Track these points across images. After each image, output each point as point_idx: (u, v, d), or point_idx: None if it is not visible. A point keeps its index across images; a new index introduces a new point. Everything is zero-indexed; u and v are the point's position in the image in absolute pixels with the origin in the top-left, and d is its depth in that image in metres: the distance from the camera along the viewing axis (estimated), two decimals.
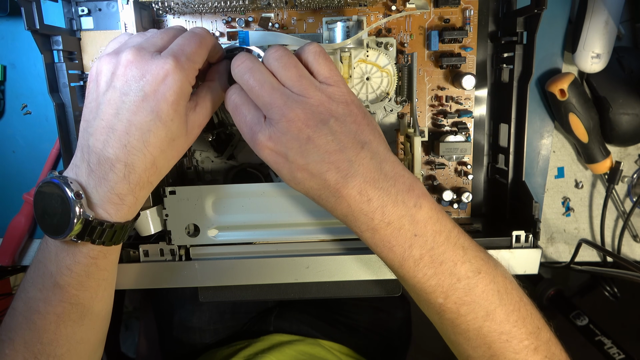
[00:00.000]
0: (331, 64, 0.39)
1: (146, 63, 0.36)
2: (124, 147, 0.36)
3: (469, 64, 0.55)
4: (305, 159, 0.35)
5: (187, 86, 0.38)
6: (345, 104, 0.37)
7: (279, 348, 0.65)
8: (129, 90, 0.36)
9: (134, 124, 0.36)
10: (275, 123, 0.36)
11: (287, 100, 0.36)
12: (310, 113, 0.36)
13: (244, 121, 0.38)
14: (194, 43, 0.38)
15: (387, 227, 0.36)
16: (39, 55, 0.49)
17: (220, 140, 0.55)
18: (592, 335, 0.93)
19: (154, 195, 0.50)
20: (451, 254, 0.37)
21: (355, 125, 0.37)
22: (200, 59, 0.39)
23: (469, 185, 0.58)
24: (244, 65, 0.39)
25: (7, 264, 0.62)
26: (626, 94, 0.56)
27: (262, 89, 0.37)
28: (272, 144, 0.36)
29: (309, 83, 0.37)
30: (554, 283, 1.06)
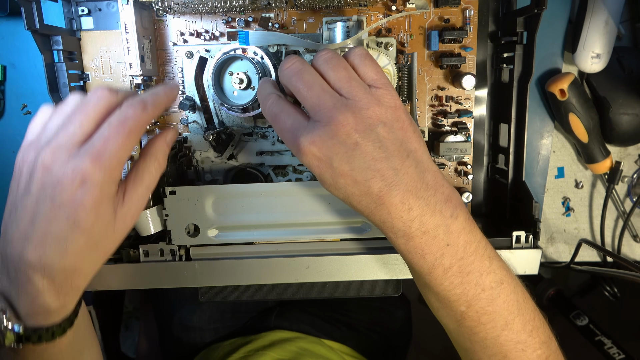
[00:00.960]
0: (378, 66, 0.38)
1: (62, 166, 0.32)
2: (39, 258, 0.33)
3: (469, 64, 0.55)
4: (351, 165, 0.34)
5: (110, 186, 0.34)
6: (394, 108, 0.37)
7: (279, 345, 0.65)
8: (44, 197, 0.33)
9: (50, 233, 0.33)
10: (322, 126, 0.35)
11: (337, 102, 0.35)
12: (359, 117, 0.35)
13: (285, 127, 0.37)
14: (120, 135, 0.33)
15: (422, 236, 0.36)
16: (39, 55, 0.49)
17: (220, 140, 0.55)
18: (592, 335, 0.93)
19: (154, 195, 0.50)
20: (478, 264, 0.37)
21: (402, 132, 0.36)
22: (128, 152, 0.34)
23: (469, 185, 0.58)
24: (293, 66, 0.37)
25: None
26: (626, 94, 0.56)
27: (310, 90, 0.36)
28: (316, 148, 0.35)
29: (358, 85, 0.36)
30: (554, 283, 1.06)
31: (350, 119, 0.34)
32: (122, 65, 0.55)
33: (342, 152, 0.34)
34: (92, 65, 0.55)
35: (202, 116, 0.55)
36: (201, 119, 0.55)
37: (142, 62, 0.50)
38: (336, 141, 0.34)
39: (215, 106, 0.55)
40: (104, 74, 0.56)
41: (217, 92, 0.49)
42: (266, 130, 0.55)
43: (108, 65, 0.55)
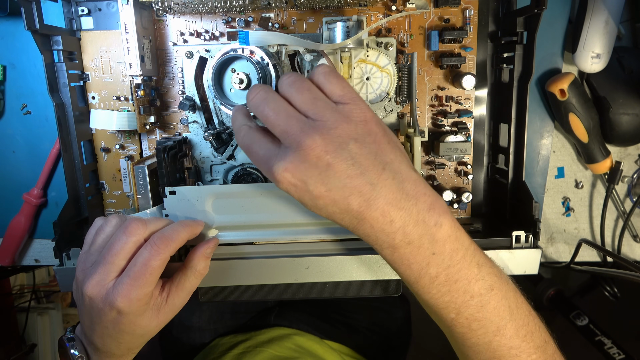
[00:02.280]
0: (343, 81, 0.38)
1: (101, 301, 0.40)
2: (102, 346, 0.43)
3: (469, 64, 0.55)
4: (327, 186, 0.35)
5: (142, 306, 0.40)
6: (364, 122, 0.36)
7: (278, 341, 0.66)
8: (94, 315, 0.41)
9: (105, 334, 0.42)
10: (292, 152, 0.35)
11: (304, 126, 0.35)
12: (328, 138, 0.35)
13: (259, 158, 0.38)
14: (145, 275, 0.39)
15: (407, 246, 0.36)
16: (39, 55, 0.49)
17: (220, 140, 0.55)
18: (592, 335, 0.93)
19: (154, 195, 0.50)
20: (466, 272, 0.37)
21: (375, 145, 0.36)
22: (154, 283, 0.40)
23: (469, 185, 0.58)
24: (258, 96, 0.38)
25: (7, 264, 0.62)
26: (626, 94, 0.56)
27: (277, 117, 0.36)
28: (289, 174, 0.35)
29: (324, 105, 0.36)
30: (554, 283, 1.06)
31: (319, 141, 0.34)
32: (122, 65, 0.55)
33: (315, 174, 0.35)
34: (92, 65, 0.55)
35: (202, 116, 0.55)
36: (201, 119, 0.55)
37: (142, 62, 0.50)
38: (308, 165, 0.35)
39: (215, 106, 0.55)
40: (104, 74, 0.55)
41: (217, 92, 0.49)
42: None
43: (108, 65, 0.55)
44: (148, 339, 0.45)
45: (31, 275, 1.44)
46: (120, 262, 0.40)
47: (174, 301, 0.43)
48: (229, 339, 0.70)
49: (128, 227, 0.40)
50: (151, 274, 0.39)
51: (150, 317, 0.42)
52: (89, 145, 0.57)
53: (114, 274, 0.40)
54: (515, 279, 0.42)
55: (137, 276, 0.39)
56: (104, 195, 0.58)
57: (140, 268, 0.39)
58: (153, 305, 0.42)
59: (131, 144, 0.57)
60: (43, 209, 0.63)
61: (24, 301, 1.41)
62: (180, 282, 0.43)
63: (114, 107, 0.56)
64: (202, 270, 0.44)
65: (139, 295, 0.39)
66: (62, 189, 0.60)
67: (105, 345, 0.43)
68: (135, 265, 0.39)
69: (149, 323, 0.42)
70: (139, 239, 0.41)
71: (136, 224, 0.41)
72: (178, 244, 0.42)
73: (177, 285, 0.43)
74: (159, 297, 0.42)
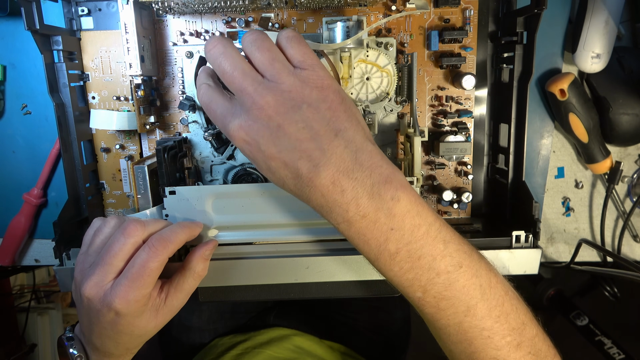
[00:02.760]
0: (306, 47, 0.38)
1: (99, 302, 0.40)
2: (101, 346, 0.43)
3: (469, 64, 0.55)
4: (277, 147, 0.35)
5: (140, 308, 0.40)
6: (320, 88, 0.36)
7: (277, 342, 0.66)
8: (92, 315, 0.41)
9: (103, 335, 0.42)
10: (245, 111, 0.36)
11: (258, 86, 0.35)
12: (281, 100, 0.35)
13: (216, 116, 0.38)
14: (142, 277, 0.39)
15: (362, 220, 0.35)
16: (39, 55, 0.49)
17: (220, 140, 0.55)
18: (592, 335, 0.93)
19: (154, 195, 0.50)
20: (430, 248, 0.35)
21: (330, 112, 0.35)
22: (152, 284, 0.40)
23: (469, 185, 0.58)
24: (215, 49, 0.37)
25: (7, 264, 0.62)
26: (626, 94, 0.56)
27: (233, 74, 0.36)
28: (243, 133, 0.36)
29: (281, 67, 0.36)
30: (554, 283, 1.06)
31: (272, 102, 0.35)
32: (122, 65, 0.55)
33: (267, 135, 0.35)
34: (92, 65, 0.55)
35: (202, 116, 0.55)
36: (201, 119, 0.55)
37: (142, 62, 0.50)
38: (260, 125, 0.35)
39: None
40: (104, 74, 0.56)
41: None
42: None
43: (108, 65, 0.55)
44: (146, 339, 0.45)
45: (31, 275, 1.44)
46: (119, 263, 0.40)
47: (172, 302, 0.43)
48: (228, 339, 0.70)
49: (126, 228, 0.40)
50: (149, 275, 0.39)
51: (148, 318, 0.42)
52: (89, 145, 0.57)
53: (112, 275, 0.40)
54: (515, 279, 0.42)
55: (135, 278, 0.39)
56: (104, 195, 0.58)
57: (138, 270, 0.39)
58: (151, 307, 0.42)
59: (131, 144, 0.57)
60: (43, 209, 0.63)
61: (24, 301, 1.41)
62: (179, 284, 0.43)
63: (114, 107, 0.56)
64: (200, 272, 0.44)
65: (136, 296, 0.39)
66: (62, 189, 0.60)
67: (103, 345, 0.43)
68: (133, 267, 0.39)
69: (147, 324, 0.42)
70: (137, 240, 0.41)
71: (135, 225, 0.41)
72: (176, 245, 0.41)
73: (176, 287, 0.43)
74: (157, 298, 0.42)
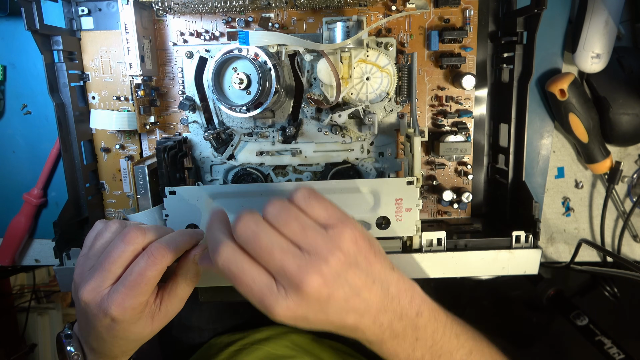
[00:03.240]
0: (325, 202, 0.38)
1: (96, 307, 0.40)
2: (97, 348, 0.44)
3: (469, 64, 0.55)
4: (326, 314, 0.36)
5: (136, 314, 0.40)
6: (354, 242, 0.37)
7: (274, 339, 0.66)
8: (89, 318, 0.41)
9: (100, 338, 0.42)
10: (293, 292, 0.35)
11: (300, 263, 0.35)
12: (326, 271, 0.35)
13: (252, 292, 0.36)
14: (140, 284, 0.39)
15: (394, 340, 0.39)
16: (39, 55, 0.49)
17: (220, 140, 0.55)
18: (592, 335, 0.93)
19: (154, 195, 0.50)
20: (448, 345, 0.41)
21: (366, 261, 0.37)
22: (149, 292, 0.40)
23: (469, 185, 0.58)
24: (248, 231, 0.36)
25: (7, 264, 0.62)
26: (626, 94, 0.56)
27: (271, 254, 0.35)
28: (290, 313, 0.35)
29: (314, 234, 0.36)
30: (554, 283, 1.05)
31: (318, 279, 0.35)
32: (122, 65, 0.55)
33: (317, 308, 0.36)
34: (92, 65, 0.55)
35: (202, 116, 0.55)
36: (201, 119, 0.55)
37: (142, 62, 0.50)
38: (309, 302, 0.35)
39: (215, 106, 0.55)
40: (104, 74, 0.56)
41: (217, 92, 0.49)
42: (266, 130, 0.55)
43: (108, 65, 0.55)
44: (142, 343, 0.45)
45: (31, 275, 1.44)
46: (117, 270, 0.40)
47: (167, 308, 0.43)
48: (227, 337, 0.70)
49: (127, 235, 0.40)
50: (146, 283, 0.39)
51: (144, 324, 0.42)
52: (89, 145, 0.57)
53: (110, 282, 0.40)
54: (515, 279, 0.42)
55: (132, 285, 0.39)
56: (104, 195, 0.58)
57: (136, 277, 0.39)
58: (147, 313, 0.42)
59: (131, 144, 0.57)
60: (43, 209, 0.63)
61: (24, 301, 1.41)
62: (173, 290, 0.43)
63: (114, 107, 0.56)
64: (193, 276, 0.43)
65: (133, 304, 0.39)
66: (62, 189, 0.60)
67: (99, 347, 0.43)
68: (131, 275, 0.39)
69: (142, 330, 0.42)
70: (137, 247, 0.40)
71: (135, 232, 0.40)
72: (176, 254, 0.41)
73: (170, 293, 0.43)
74: (153, 304, 0.42)
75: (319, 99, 0.52)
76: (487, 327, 0.45)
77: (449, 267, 0.49)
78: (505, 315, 1.38)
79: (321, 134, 0.55)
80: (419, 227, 0.49)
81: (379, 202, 0.48)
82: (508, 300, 1.38)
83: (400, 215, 0.48)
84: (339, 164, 0.56)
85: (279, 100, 0.52)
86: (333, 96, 0.51)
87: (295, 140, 0.55)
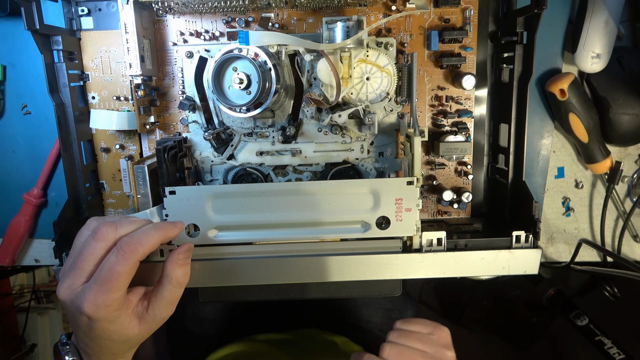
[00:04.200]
0: (419, 322, 0.50)
1: (71, 305, 0.40)
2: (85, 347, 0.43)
3: (469, 64, 0.55)
4: None
5: (115, 311, 0.40)
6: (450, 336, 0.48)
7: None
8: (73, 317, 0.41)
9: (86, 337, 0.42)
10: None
11: None
12: None
13: None
14: (110, 282, 0.38)
15: None
16: (39, 55, 0.49)
17: (220, 140, 0.55)
18: (592, 335, 0.93)
19: (154, 195, 0.50)
20: None
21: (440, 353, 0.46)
22: (123, 288, 0.39)
23: (469, 185, 0.58)
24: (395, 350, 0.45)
25: (7, 264, 0.62)
26: (626, 94, 0.56)
27: None
28: None
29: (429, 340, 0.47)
30: (554, 283, 1.06)
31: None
32: (122, 65, 0.55)
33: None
34: (92, 65, 0.55)
35: (202, 116, 0.55)
36: (201, 119, 0.55)
37: (142, 62, 0.50)
38: None
39: (215, 106, 0.55)
40: (104, 74, 0.55)
41: (217, 92, 0.49)
42: (266, 130, 0.55)
43: (108, 65, 0.55)
44: (133, 346, 0.44)
45: (31, 275, 1.44)
46: (89, 267, 0.40)
47: (154, 312, 0.42)
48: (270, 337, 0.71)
49: (97, 232, 0.40)
50: (117, 279, 0.39)
51: (127, 324, 0.41)
52: (89, 145, 0.57)
53: (83, 279, 0.40)
54: (515, 279, 0.42)
55: (103, 282, 0.38)
56: (104, 195, 0.58)
57: (106, 274, 0.38)
58: (132, 313, 0.41)
59: (131, 144, 0.57)
60: (43, 209, 0.63)
61: (24, 301, 1.41)
62: (159, 293, 0.42)
63: (114, 107, 0.56)
64: (179, 278, 0.42)
65: (106, 301, 0.39)
66: (62, 189, 0.60)
67: (89, 349, 0.43)
68: (101, 271, 0.39)
69: (126, 330, 0.41)
70: (109, 244, 0.40)
71: (106, 228, 0.40)
72: (148, 248, 0.40)
73: (156, 296, 0.42)
74: (139, 305, 0.42)
75: (319, 99, 0.52)
76: (487, 327, 0.45)
77: (449, 267, 0.49)
78: (505, 315, 1.38)
79: (321, 134, 0.55)
80: (419, 227, 0.49)
81: (379, 202, 0.48)
82: (508, 300, 1.38)
83: (400, 215, 0.48)
84: (339, 164, 0.56)
85: (279, 100, 0.52)
86: (333, 96, 0.51)
87: (295, 140, 0.55)
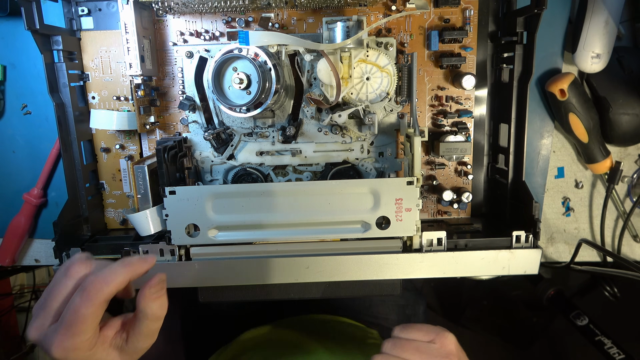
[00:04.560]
0: (421, 328, 0.45)
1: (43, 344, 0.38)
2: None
3: (469, 64, 0.55)
4: None
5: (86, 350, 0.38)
6: (456, 343, 0.45)
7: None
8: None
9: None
10: None
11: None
12: None
13: None
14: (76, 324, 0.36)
15: None
16: (39, 55, 0.49)
17: (220, 140, 0.55)
18: (592, 335, 0.93)
19: (154, 195, 0.50)
20: None
21: (463, 355, 0.44)
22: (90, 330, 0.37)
23: (469, 185, 0.58)
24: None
25: (7, 264, 0.62)
26: (626, 94, 0.56)
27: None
28: None
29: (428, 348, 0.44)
30: (554, 283, 1.05)
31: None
32: (122, 65, 0.55)
33: None
34: (92, 65, 0.55)
35: (202, 116, 0.55)
36: (201, 119, 0.55)
37: (142, 62, 0.50)
38: None
39: (215, 106, 0.55)
40: (104, 73, 0.56)
41: (217, 92, 0.49)
42: (266, 130, 0.55)
43: (108, 65, 0.55)
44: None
45: (31, 275, 1.44)
46: (57, 305, 0.38)
47: (134, 344, 0.40)
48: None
49: (70, 267, 0.39)
50: (83, 322, 0.36)
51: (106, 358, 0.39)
52: (89, 145, 0.57)
53: (51, 319, 0.38)
54: (515, 279, 0.42)
55: (69, 325, 0.37)
56: (104, 195, 0.58)
57: (71, 316, 0.37)
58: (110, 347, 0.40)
59: (131, 144, 0.57)
60: (43, 209, 0.63)
61: (24, 301, 1.41)
62: (137, 327, 0.40)
63: (114, 107, 0.56)
64: (155, 313, 0.40)
65: (73, 344, 0.37)
66: (62, 189, 0.60)
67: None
68: (67, 314, 0.37)
69: None
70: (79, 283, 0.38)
71: (79, 265, 0.39)
72: (114, 287, 0.38)
73: (134, 330, 0.40)
74: (117, 337, 0.40)
75: (319, 99, 0.52)
76: (487, 327, 0.45)
77: (449, 267, 0.49)
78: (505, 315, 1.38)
79: (321, 134, 0.55)
80: (419, 227, 0.49)
81: (379, 202, 0.48)
82: (508, 300, 1.39)
83: (400, 215, 0.48)
84: (339, 164, 0.56)
85: (279, 100, 0.52)
86: (333, 96, 0.51)
87: (295, 140, 0.55)
